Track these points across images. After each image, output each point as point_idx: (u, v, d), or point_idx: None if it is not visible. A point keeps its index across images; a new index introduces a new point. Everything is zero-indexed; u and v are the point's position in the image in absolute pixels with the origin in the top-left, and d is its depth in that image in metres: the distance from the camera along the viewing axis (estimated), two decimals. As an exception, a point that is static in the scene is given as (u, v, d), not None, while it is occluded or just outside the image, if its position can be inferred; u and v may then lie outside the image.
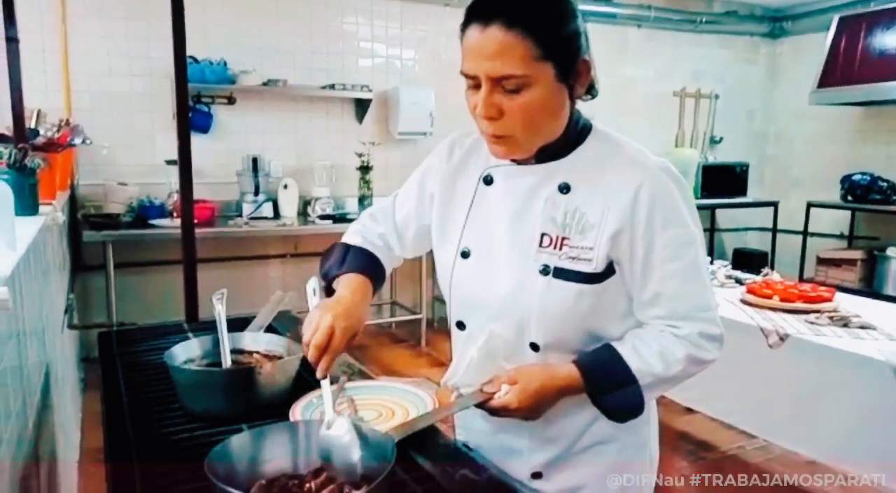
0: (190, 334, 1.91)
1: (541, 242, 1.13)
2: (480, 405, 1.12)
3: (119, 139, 4.18)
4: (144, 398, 1.44)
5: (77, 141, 2.93)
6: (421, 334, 4.88)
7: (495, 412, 1.12)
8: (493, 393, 1.12)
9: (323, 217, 4.55)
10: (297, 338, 1.26)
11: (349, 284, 1.22)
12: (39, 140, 2.61)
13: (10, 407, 1.21)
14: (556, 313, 1.12)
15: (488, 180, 1.20)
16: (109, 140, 4.06)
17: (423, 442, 1.23)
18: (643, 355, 1.11)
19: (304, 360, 1.62)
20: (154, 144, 4.31)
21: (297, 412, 1.30)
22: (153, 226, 4.03)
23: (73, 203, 4.04)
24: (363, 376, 1.58)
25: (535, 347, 1.16)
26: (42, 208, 2.19)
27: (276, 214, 4.59)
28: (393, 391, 1.43)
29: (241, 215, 4.47)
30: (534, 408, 1.10)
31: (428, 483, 1.10)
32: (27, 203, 2.06)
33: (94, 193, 4.20)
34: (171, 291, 3.38)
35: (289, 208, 4.61)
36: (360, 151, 4.78)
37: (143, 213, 4.15)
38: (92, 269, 4.11)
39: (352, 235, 1.37)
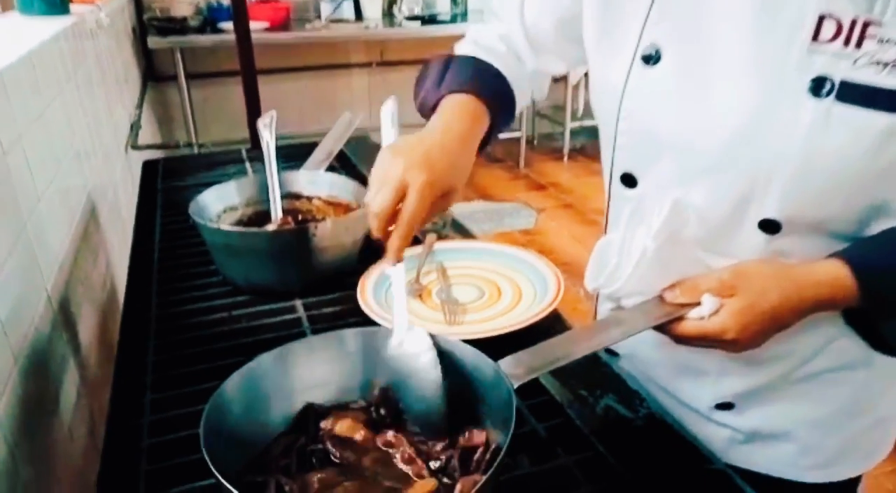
0: (248, 165, 1.57)
1: (816, 31, 0.60)
2: (660, 329, 0.68)
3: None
4: (176, 254, 1.12)
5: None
6: (519, 155, 4.41)
7: (684, 339, 0.68)
8: (685, 308, 0.66)
9: (410, 18, 3.97)
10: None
11: (444, 112, 0.76)
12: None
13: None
14: (830, 167, 0.62)
15: None
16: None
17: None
18: None
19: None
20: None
21: (368, 288, 0.94)
22: (222, 31, 3.60)
23: (140, 6, 3.65)
24: (460, 231, 1.19)
25: (769, 226, 0.67)
26: (78, 7, 1.81)
27: (358, 15, 4.03)
28: (502, 258, 1.04)
29: (319, 17, 3.96)
30: (760, 337, 0.65)
31: (555, 418, 0.73)
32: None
33: (158, -8, 3.76)
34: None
35: (372, 8, 4.04)
36: (452, -65, 4.01)
37: (213, 16, 3.70)
38: (164, 81, 3.80)
39: (461, 45, 0.88)
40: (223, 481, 0.49)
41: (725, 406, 0.79)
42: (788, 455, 0.80)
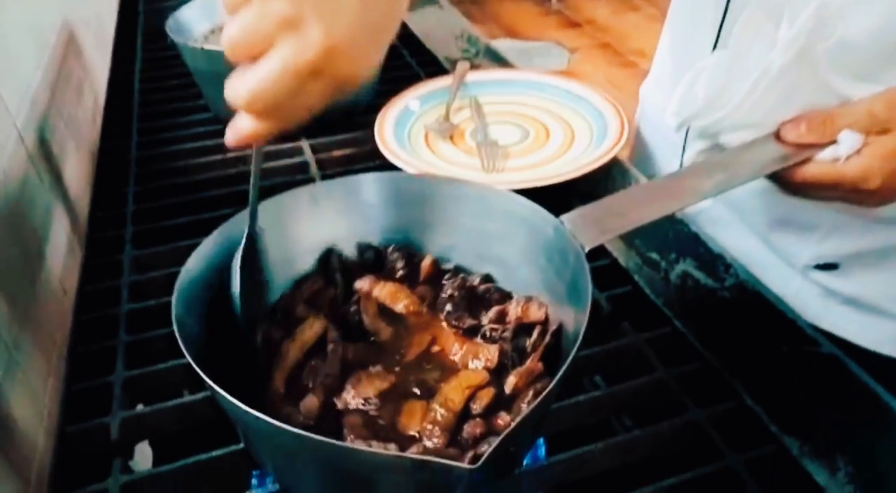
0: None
1: None
2: (773, 177, 0.51)
3: None
4: (160, 87, 0.94)
5: None
6: (552, -13, 3.99)
7: (806, 188, 0.51)
8: (811, 149, 0.49)
9: None
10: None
11: None
12: None
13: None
14: None
15: None
16: None
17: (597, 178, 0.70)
18: None
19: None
20: None
21: (387, 127, 0.77)
22: None
23: None
24: (495, 60, 0.99)
25: None
26: None
27: None
28: (549, 92, 0.85)
29: None
30: None
31: (620, 286, 0.59)
32: None
33: None
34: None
35: None
36: None
37: None
38: None
39: None
40: (204, 375, 0.37)
41: (828, 267, 0.64)
42: (890, 329, 0.67)
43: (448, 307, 0.50)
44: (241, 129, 0.39)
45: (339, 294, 0.52)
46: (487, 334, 0.48)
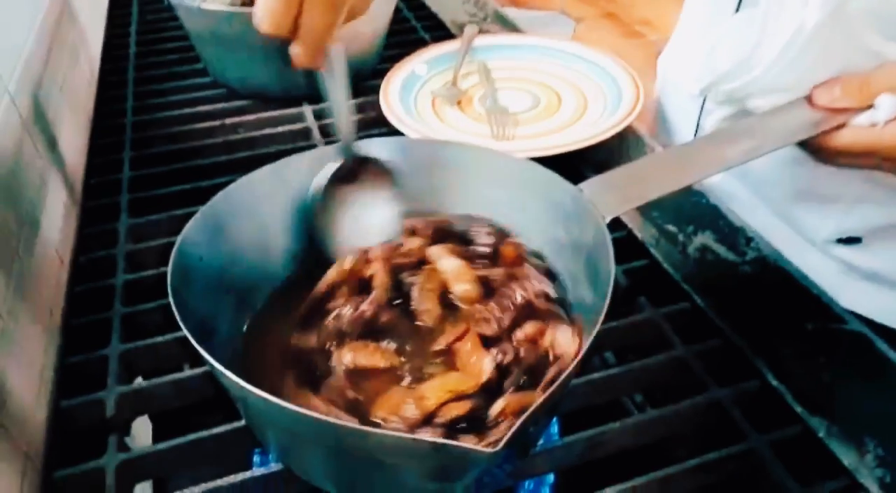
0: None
1: None
2: (804, 144, 0.47)
3: None
4: (157, 50, 0.91)
5: None
6: (558, -46, 3.89)
7: (839, 155, 0.47)
8: (845, 114, 0.46)
9: None
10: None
11: None
12: None
13: None
14: None
15: None
16: None
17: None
18: None
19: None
20: None
21: (393, 91, 0.74)
22: None
23: None
24: (504, 24, 0.95)
25: None
26: None
27: None
28: (561, 57, 0.82)
29: None
30: None
31: (636, 259, 0.57)
32: None
33: None
34: None
35: None
36: None
37: None
38: None
39: None
40: (202, 350, 0.34)
41: (850, 240, 0.62)
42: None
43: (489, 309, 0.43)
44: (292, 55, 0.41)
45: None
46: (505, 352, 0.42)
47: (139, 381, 0.51)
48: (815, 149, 0.48)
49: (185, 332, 0.35)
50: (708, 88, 0.52)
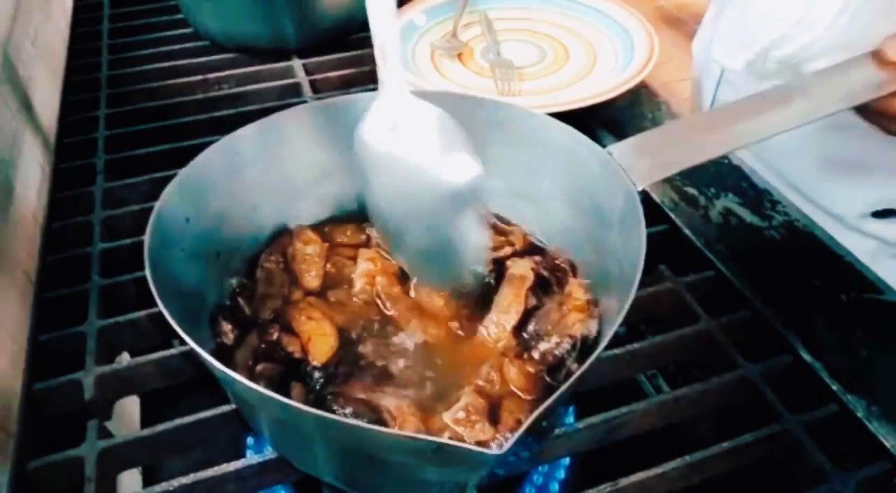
0: None
1: None
2: (862, 107, 0.42)
3: None
4: (132, 1, 0.85)
5: None
6: None
7: None
8: None
9: None
10: None
11: None
12: None
13: None
14: None
15: None
16: None
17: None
18: None
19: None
20: None
21: (390, 44, 0.69)
22: None
23: None
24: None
25: None
26: None
27: None
28: (565, 5, 0.76)
29: None
30: None
31: (655, 225, 0.53)
32: None
33: None
34: None
35: None
36: None
37: None
38: None
39: None
40: (177, 326, 0.31)
41: (884, 214, 0.58)
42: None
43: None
44: None
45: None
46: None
47: (126, 358, 0.47)
48: (876, 114, 0.43)
49: (165, 313, 0.31)
50: (758, 57, 0.47)
